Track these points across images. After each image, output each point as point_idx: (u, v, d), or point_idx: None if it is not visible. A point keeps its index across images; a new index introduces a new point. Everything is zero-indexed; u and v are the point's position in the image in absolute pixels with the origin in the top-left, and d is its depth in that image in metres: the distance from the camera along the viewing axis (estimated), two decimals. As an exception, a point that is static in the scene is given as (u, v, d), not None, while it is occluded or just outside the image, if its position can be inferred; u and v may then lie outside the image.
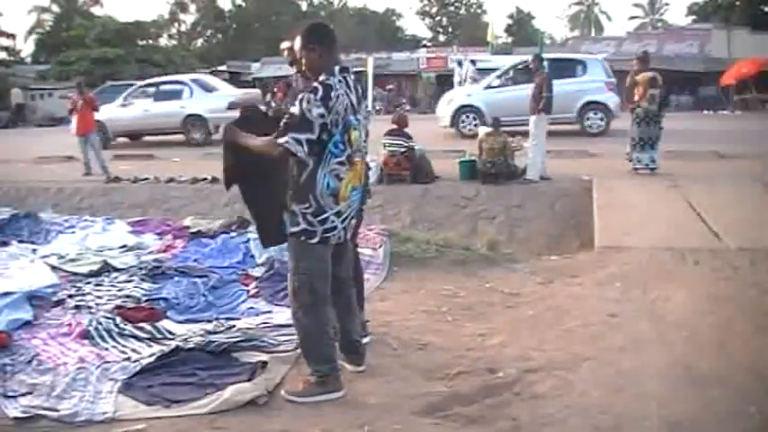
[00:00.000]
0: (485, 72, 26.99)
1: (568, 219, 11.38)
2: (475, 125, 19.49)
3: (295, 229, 4.70)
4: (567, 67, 20.30)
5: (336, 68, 4.71)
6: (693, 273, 7.33)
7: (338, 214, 4.71)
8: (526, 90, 13.83)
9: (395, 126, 13.26)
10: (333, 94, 4.55)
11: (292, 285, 4.81)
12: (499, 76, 21.36)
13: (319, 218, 4.65)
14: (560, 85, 15.24)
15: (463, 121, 20.52)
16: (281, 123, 4.65)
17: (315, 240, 4.69)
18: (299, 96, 4.61)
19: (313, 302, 4.75)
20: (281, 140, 4.54)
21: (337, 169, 4.65)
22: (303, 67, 4.94)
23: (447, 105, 21.36)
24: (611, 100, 20.00)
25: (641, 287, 6.93)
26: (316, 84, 4.60)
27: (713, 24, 41.48)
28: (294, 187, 4.70)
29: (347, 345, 5.13)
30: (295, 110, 4.57)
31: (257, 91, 25.39)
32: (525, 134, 13.19)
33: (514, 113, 16.57)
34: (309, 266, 4.73)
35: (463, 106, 20.73)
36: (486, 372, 5.13)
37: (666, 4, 72.21)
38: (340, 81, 4.65)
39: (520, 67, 20.48)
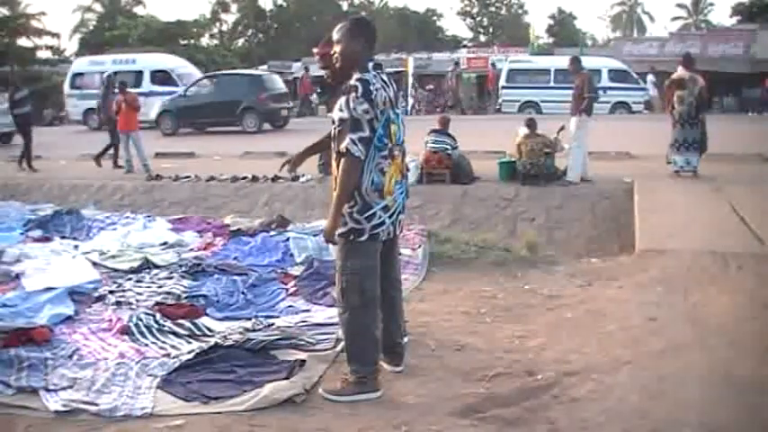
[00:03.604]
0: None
1: (609, 221, 11.30)
2: None
3: (343, 230, 4.71)
4: None
5: (371, 65, 4.75)
6: (736, 277, 7.23)
7: (385, 209, 4.73)
8: None
9: (438, 126, 13.30)
10: (372, 88, 4.58)
11: (340, 285, 4.80)
12: None
13: (366, 215, 4.67)
14: None
15: None
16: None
17: (364, 238, 4.70)
18: (340, 101, 4.65)
19: (362, 303, 4.74)
20: (341, 147, 4.60)
21: (381, 163, 4.68)
22: (336, 61, 4.91)
23: None
24: None
25: (682, 291, 6.85)
26: (353, 82, 4.63)
27: (759, 24, 40.77)
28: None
29: (388, 345, 5.12)
30: (343, 114, 4.62)
31: None
32: None
33: None
34: (358, 265, 4.72)
35: None
36: (525, 374, 5.10)
37: (711, 5, 71.20)
38: (375, 76, 4.68)
39: None
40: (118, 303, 6.82)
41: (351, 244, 4.72)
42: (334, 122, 4.77)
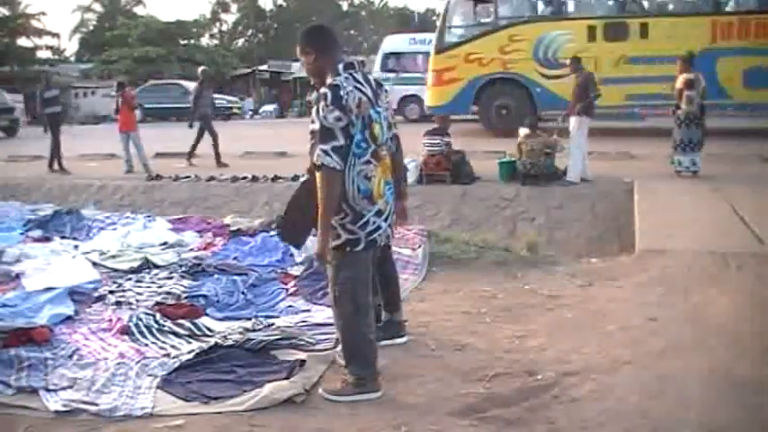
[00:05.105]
0: None
1: (609, 221, 11.30)
2: None
3: (337, 243, 4.62)
4: None
5: (341, 66, 4.63)
6: (736, 277, 7.22)
7: (378, 213, 4.66)
8: None
9: (435, 126, 13.31)
10: (341, 93, 4.45)
11: (333, 294, 4.76)
12: None
13: (359, 224, 4.60)
14: None
15: None
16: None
17: (361, 247, 4.64)
18: (312, 111, 4.57)
19: (355, 311, 4.70)
20: (314, 159, 4.52)
21: (364, 169, 4.56)
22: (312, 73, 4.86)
23: None
24: None
25: (682, 291, 6.84)
26: (322, 90, 4.52)
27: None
28: None
29: None
30: (315, 126, 4.52)
31: None
32: None
33: None
34: (350, 276, 4.67)
35: None
36: (525, 374, 5.10)
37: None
38: (347, 78, 4.56)
39: None
40: (118, 303, 6.81)
41: (347, 255, 4.65)
42: (311, 134, 4.67)
